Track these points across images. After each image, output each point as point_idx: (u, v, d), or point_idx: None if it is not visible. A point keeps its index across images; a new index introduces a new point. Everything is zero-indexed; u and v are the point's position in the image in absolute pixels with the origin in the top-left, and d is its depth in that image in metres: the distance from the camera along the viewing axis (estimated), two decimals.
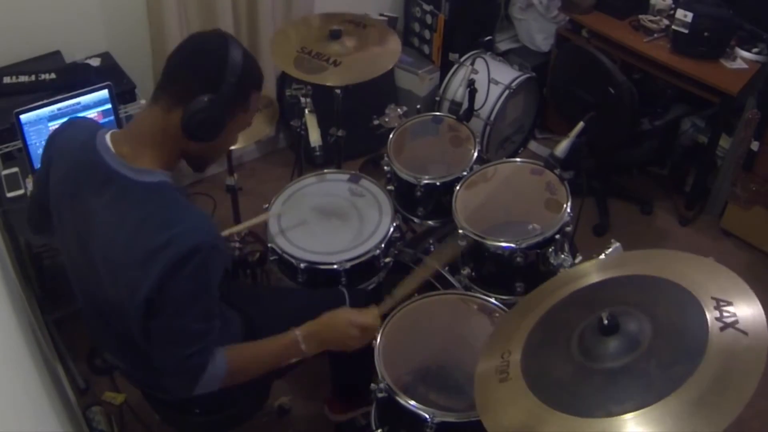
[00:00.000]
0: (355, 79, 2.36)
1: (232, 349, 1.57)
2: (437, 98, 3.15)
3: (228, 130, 1.48)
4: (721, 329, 1.17)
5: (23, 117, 2.19)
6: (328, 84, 2.32)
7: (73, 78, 2.45)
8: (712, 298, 1.23)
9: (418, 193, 2.25)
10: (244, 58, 1.44)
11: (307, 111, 2.40)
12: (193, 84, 1.41)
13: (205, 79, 1.41)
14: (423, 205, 2.31)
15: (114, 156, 1.44)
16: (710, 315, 1.20)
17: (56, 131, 1.59)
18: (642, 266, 1.40)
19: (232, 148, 2.34)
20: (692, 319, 1.21)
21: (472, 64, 2.57)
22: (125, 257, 1.41)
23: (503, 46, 3.62)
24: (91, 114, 2.29)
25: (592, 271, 1.51)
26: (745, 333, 1.15)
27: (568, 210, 2.03)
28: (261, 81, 1.52)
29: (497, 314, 1.88)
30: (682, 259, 1.37)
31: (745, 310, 1.20)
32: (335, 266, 2.04)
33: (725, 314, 1.19)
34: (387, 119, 2.57)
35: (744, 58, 2.87)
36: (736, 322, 1.17)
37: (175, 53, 1.45)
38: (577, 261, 1.96)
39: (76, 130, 1.55)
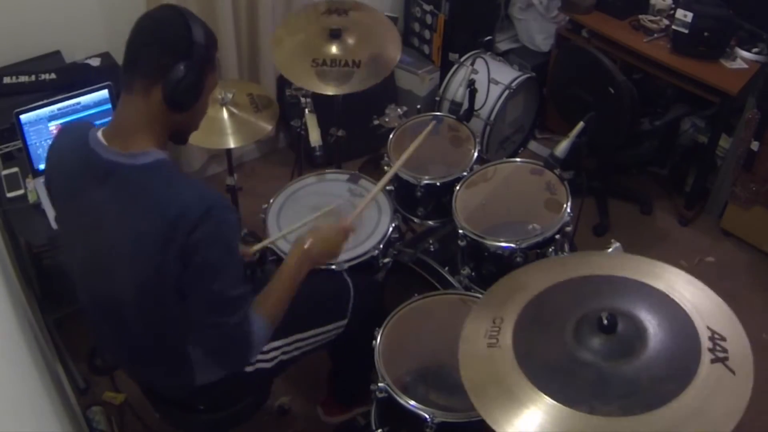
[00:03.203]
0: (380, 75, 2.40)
1: (259, 304, 1.62)
2: (437, 98, 3.15)
3: (204, 93, 1.52)
4: (712, 361, 1.19)
5: (23, 117, 2.19)
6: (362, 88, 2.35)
7: (73, 78, 2.45)
8: (708, 328, 1.25)
9: (418, 193, 2.25)
10: (202, 23, 1.49)
11: (307, 111, 2.40)
12: (163, 58, 1.43)
13: (175, 49, 1.43)
14: (423, 205, 2.31)
15: (107, 148, 1.47)
16: (704, 344, 1.22)
17: (50, 145, 1.63)
18: (651, 277, 1.40)
19: (232, 147, 2.36)
20: (688, 342, 1.23)
21: (472, 64, 2.57)
22: (141, 238, 1.44)
23: (503, 46, 3.62)
24: (91, 114, 2.29)
25: (602, 262, 1.51)
26: (732, 372, 1.17)
27: (568, 210, 2.03)
28: (216, 40, 1.55)
29: None
30: (691, 284, 1.37)
31: (736, 349, 1.21)
32: (333, 267, 2.04)
33: (718, 348, 1.21)
34: (387, 119, 2.57)
35: (744, 58, 2.87)
36: (727, 359, 1.19)
37: (134, 36, 1.46)
38: None
39: (67, 137, 1.58)
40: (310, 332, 1.86)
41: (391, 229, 2.14)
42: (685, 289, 1.35)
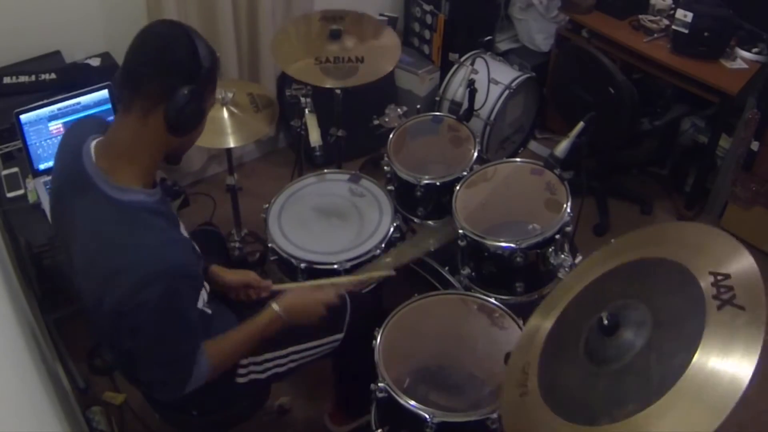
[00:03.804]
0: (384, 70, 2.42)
1: (213, 345, 1.59)
2: (437, 98, 3.15)
3: (206, 115, 1.47)
4: (719, 307, 1.14)
5: (23, 117, 2.19)
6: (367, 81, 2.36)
7: (73, 78, 2.45)
8: (710, 273, 1.19)
9: (418, 193, 2.25)
10: (206, 42, 1.42)
11: (307, 111, 2.40)
12: (169, 80, 1.36)
13: (181, 72, 1.37)
14: (423, 205, 2.31)
15: (93, 166, 1.42)
16: (708, 293, 1.17)
17: (61, 139, 1.59)
18: (639, 249, 1.36)
19: (232, 147, 2.36)
20: (690, 299, 1.18)
21: (472, 64, 2.57)
22: (90, 271, 1.42)
23: (503, 46, 3.62)
24: (91, 114, 2.28)
25: (592, 268, 1.48)
26: (742, 308, 1.12)
27: (568, 210, 2.03)
28: (219, 59, 1.49)
29: (497, 314, 1.88)
30: (677, 229, 1.34)
31: (741, 282, 1.16)
32: (335, 266, 2.04)
33: (722, 290, 1.16)
34: (387, 119, 2.57)
35: (744, 58, 2.87)
36: (734, 297, 1.14)
37: (137, 53, 1.38)
38: (577, 261, 1.96)
39: (73, 134, 1.54)
40: (305, 345, 1.85)
41: (392, 229, 2.14)
42: (678, 238, 1.31)
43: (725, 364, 1.08)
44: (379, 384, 1.70)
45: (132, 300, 1.37)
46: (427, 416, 1.62)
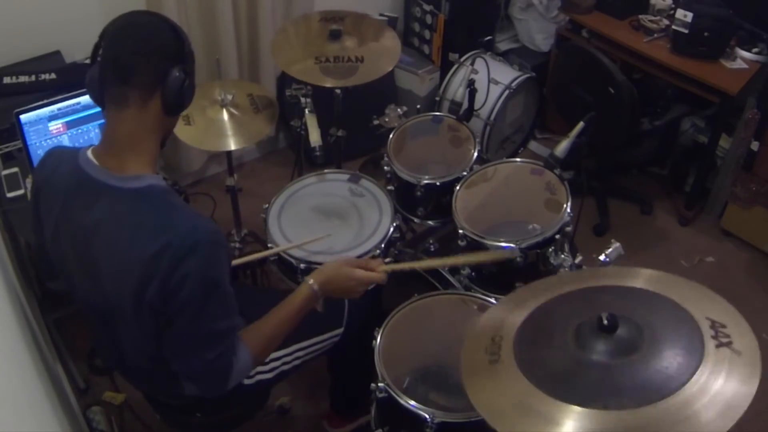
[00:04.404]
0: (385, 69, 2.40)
1: (249, 333, 1.55)
2: (437, 98, 3.15)
3: None
4: (717, 346, 1.19)
5: (23, 117, 2.19)
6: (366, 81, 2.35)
7: (73, 78, 2.45)
8: (707, 318, 1.25)
9: (418, 193, 2.25)
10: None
11: (307, 111, 2.40)
12: (161, 65, 1.39)
13: (171, 55, 1.41)
14: (423, 205, 2.31)
15: (99, 169, 1.42)
16: (707, 332, 1.22)
17: (37, 167, 1.58)
18: (644, 282, 1.40)
19: (233, 148, 2.36)
20: (690, 332, 1.24)
21: (472, 64, 2.57)
22: (125, 265, 1.40)
23: (503, 46, 3.62)
24: (91, 114, 2.28)
25: (592, 276, 1.51)
26: (739, 353, 1.18)
27: (568, 210, 2.03)
28: None
29: None
30: (684, 284, 1.38)
31: (738, 333, 1.22)
32: None
33: (720, 334, 1.21)
34: (387, 119, 2.57)
35: (744, 58, 2.87)
36: (731, 342, 1.19)
37: (122, 48, 1.38)
38: (577, 261, 1.96)
39: (56, 158, 1.53)
40: (309, 341, 1.87)
41: (392, 229, 2.14)
42: (679, 288, 1.35)
43: (723, 393, 1.13)
44: (379, 384, 1.70)
45: (174, 275, 1.36)
46: (427, 416, 1.62)
